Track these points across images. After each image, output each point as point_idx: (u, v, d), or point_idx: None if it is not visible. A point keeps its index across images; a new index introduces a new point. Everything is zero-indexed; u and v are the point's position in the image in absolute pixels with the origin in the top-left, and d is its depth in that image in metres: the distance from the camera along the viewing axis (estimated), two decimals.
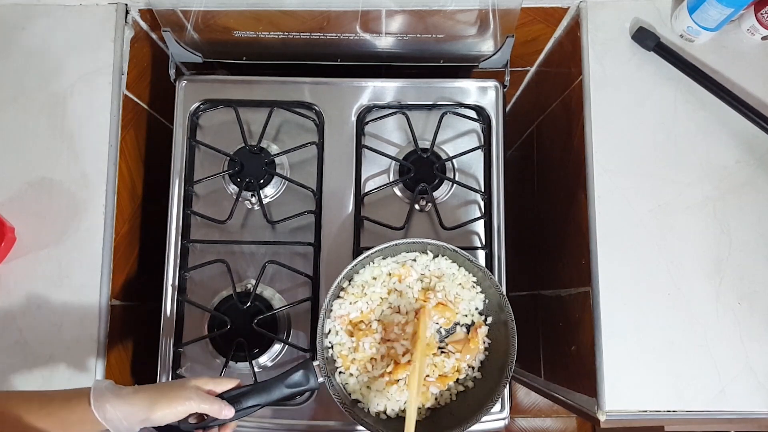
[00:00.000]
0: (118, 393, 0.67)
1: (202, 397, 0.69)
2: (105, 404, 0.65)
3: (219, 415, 0.70)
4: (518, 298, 1.19)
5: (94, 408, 0.65)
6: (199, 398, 0.69)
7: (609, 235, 0.86)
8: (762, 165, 0.88)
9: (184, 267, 0.95)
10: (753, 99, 0.87)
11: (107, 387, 0.67)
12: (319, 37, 0.99)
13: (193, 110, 0.99)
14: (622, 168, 0.88)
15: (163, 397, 0.68)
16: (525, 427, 1.90)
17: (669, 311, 0.84)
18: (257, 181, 0.95)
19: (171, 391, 0.69)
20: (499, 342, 0.86)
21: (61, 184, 0.90)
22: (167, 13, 0.93)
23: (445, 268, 0.87)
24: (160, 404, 0.67)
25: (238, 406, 0.72)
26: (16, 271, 0.87)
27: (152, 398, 0.67)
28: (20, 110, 0.91)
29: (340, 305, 0.86)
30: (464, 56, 1.04)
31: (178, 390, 0.69)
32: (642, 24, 0.91)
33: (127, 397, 0.67)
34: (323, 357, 0.83)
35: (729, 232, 0.86)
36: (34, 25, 0.94)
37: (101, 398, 0.66)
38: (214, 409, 0.70)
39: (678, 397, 0.82)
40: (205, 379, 0.72)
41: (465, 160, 0.99)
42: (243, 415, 0.73)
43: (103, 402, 0.65)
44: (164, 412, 0.67)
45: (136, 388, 0.69)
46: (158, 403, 0.67)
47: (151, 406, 0.67)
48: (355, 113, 0.99)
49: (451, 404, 0.86)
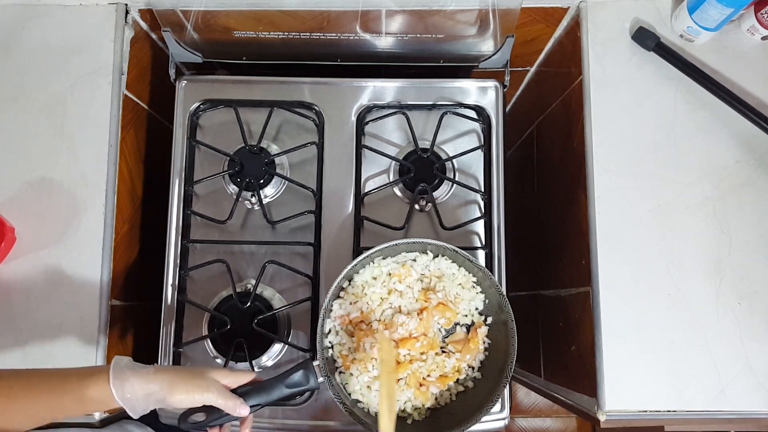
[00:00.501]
0: (138, 372, 0.66)
1: (220, 392, 0.69)
2: (124, 383, 0.65)
3: (234, 413, 0.70)
4: (518, 298, 1.19)
5: (113, 386, 0.64)
6: (218, 392, 0.68)
7: (609, 235, 0.86)
8: (762, 165, 0.88)
9: (184, 267, 0.95)
10: (753, 99, 0.87)
11: (127, 365, 0.67)
12: (319, 37, 0.99)
13: (193, 110, 0.99)
14: (622, 168, 0.88)
15: (183, 382, 0.67)
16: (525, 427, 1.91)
17: (669, 311, 0.84)
18: (257, 181, 0.95)
19: (191, 378, 0.68)
20: (499, 342, 0.86)
21: (61, 184, 0.90)
22: (167, 13, 0.93)
23: (445, 269, 0.87)
24: (178, 388, 0.66)
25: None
26: (16, 271, 0.87)
27: (172, 381, 0.67)
28: (20, 110, 0.91)
29: (340, 305, 0.86)
30: (464, 56, 1.04)
31: (199, 378, 0.68)
32: (642, 24, 0.91)
33: (147, 376, 0.66)
34: (323, 357, 0.83)
35: (729, 232, 0.86)
36: (34, 25, 0.94)
37: (120, 376, 0.65)
38: (230, 406, 0.69)
39: (678, 397, 0.82)
40: (225, 371, 0.71)
41: (465, 160, 0.99)
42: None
43: (123, 380, 0.65)
44: (182, 396, 0.67)
45: (156, 368, 0.68)
46: (177, 386, 0.67)
47: (170, 388, 0.66)
48: (355, 113, 0.99)
49: (451, 404, 0.86)
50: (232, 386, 0.72)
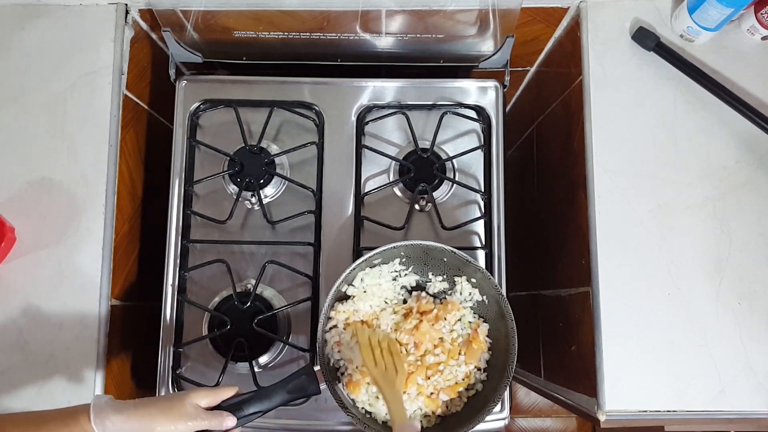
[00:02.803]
0: (118, 408, 0.67)
1: (202, 416, 0.69)
2: (105, 420, 0.65)
3: (221, 428, 0.70)
4: (518, 298, 1.19)
5: (94, 424, 0.65)
6: (200, 417, 0.69)
7: (609, 235, 0.86)
8: (762, 165, 0.88)
9: (184, 267, 0.95)
10: (753, 99, 0.87)
11: (107, 402, 0.67)
12: (319, 37, 0.99)
13: (193, 110, 0.99)
14: (622, 168, 0.88)
15: (164, 415, 0.67)
16: (525, 427, 1.90)
17: (669, 311, 0.84)
18: (257, 181, 0.95)
19: (171, 409, 0.68)
20: (499, 342, 0.86)
21: (61, 184, 0.90)
22: (167, 13, 0.93)
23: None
24: (160, 421, 0.67)
25: (240, 413, 0.72)
26: (17, 271, 0.87)
27: (152, 415, 0.67)
28: (20, 110, 0.91)
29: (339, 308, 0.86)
30: (464, 56, 1.04)
31: (179, 408, 0.68)
32: (642, 24, 0.91)
33: (128, 412, 0.67)
34: (324, 362, 0.82)
35: (729, 232, 0.86)
36: (34, 25, 0.94)
37: (101, 414, 0.65)
38: (215, 424, 0.70)
39: (678, 397, 0.82)
40: (203, 392, 0.71)
41: (465, 160, 0.99)
42: (245, 422, 0.73)
43: (103, 418, 0.65)
44: (165, 428, 0.67)
45: (136, 403, 0.68)
46: (158, 420, 0.67)
47: (152, 422, 0.67)
48: (355, 113, 0.99)
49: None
50: (213, 404, 0.72)
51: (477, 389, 0.86)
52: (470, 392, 0.86)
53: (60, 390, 0.86)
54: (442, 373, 0.84)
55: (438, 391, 0.83)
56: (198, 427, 0.69)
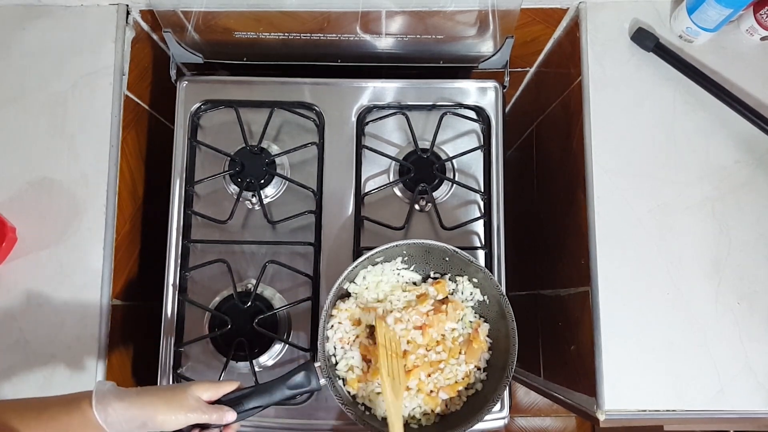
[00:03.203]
0: (120, 396, 0.67)
1: (203, 409, 0.69)
2: (107, 407, 0.65)
3: (221, 422, 0.71)
4: (518, 297, 1.19)
5: (96, 411, 0.64)
6: (201, 410, 0.69)
7: (608, 235, 0.86)
8: (761, 165, 0.88)
9: (184, 267, 0.95)
10: (752, 99, 0.88)
11: (109, 389, 0.67)
12: (319, 37, 0.99)
13: (193, 111, 0.99)
14: (622, 168, 0.88)
15: (166, 405, 0.68)
16: (525, 426, 1.91)
17: (668, 311, 0.84)
18: (258, 182, 0.95)
19: (173, 399, 0.69)
20: (499, 342, 0.86)
21: (61, 184, 0.90)
22: (168, 13, 0.93)
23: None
24: (162, 411, 0.67)
25: (240, 408, 0.72)
26: (18, 271, 0.88)
27: (154, 404, 0.67)
28: (21, 110, 0.91)
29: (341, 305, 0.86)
30: (464, 57, 1.04)
31: (181, 399, 0.69)
32: (641, 25, 0.91)
33: (130, 400, 0.67)
34: (324, 358, 0.83)
35: (728, 232, 0.86)
36: (35, 25, 0.94)
37: (103, 401, 0.65)
38: (216, 418, 0.70)
39: (677, 396, 0.83)
40: (206, 384, 0.72)
41: (465, 161, 0.99)
42: (245, 417, 0.73)
43: (105, 405, 0.65)
44: (166, 417, 0.67)
45: (139, 391, 0.69)
46: (159, 408, 0.67)
47: (154, 411, 0.67)
48: (355, 113, 1.00)
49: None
50: (215, 398, 0.72)
51: (477, 389, 0.86)
52: (470, 392, 0.86)
53: (61, 390, 0.85)
54: (443, 371, 0.84)
55: (438, 390, 0.84)
56: (198, 419, 0.69)
